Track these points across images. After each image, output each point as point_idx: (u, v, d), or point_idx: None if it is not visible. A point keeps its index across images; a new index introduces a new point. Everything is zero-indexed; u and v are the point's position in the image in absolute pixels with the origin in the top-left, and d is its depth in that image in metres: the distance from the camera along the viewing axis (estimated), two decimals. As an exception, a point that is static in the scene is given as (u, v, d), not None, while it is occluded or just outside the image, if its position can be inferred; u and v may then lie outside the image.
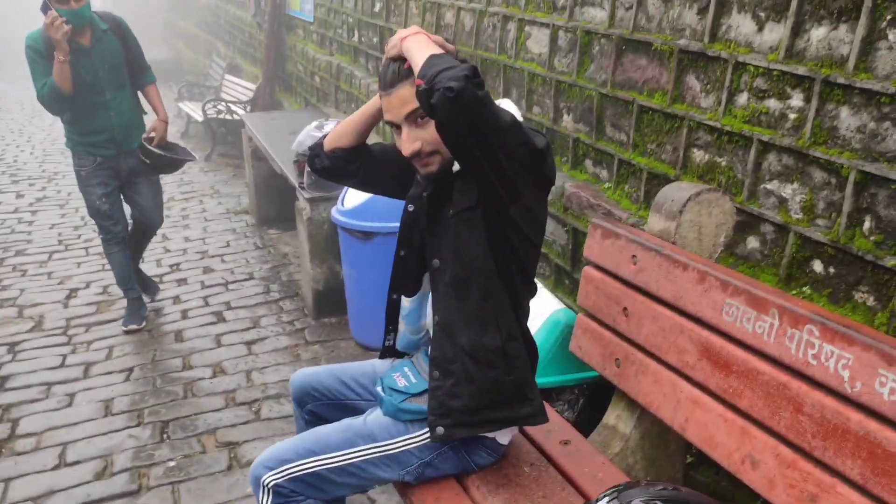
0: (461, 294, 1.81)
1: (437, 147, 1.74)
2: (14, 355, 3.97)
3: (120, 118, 3.92)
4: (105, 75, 3.82)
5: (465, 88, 1.43)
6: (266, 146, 5.15)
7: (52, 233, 5.85)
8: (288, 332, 4.18)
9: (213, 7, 11.34)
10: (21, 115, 10.67)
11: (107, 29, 3.85)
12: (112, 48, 3.86)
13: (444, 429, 1.85)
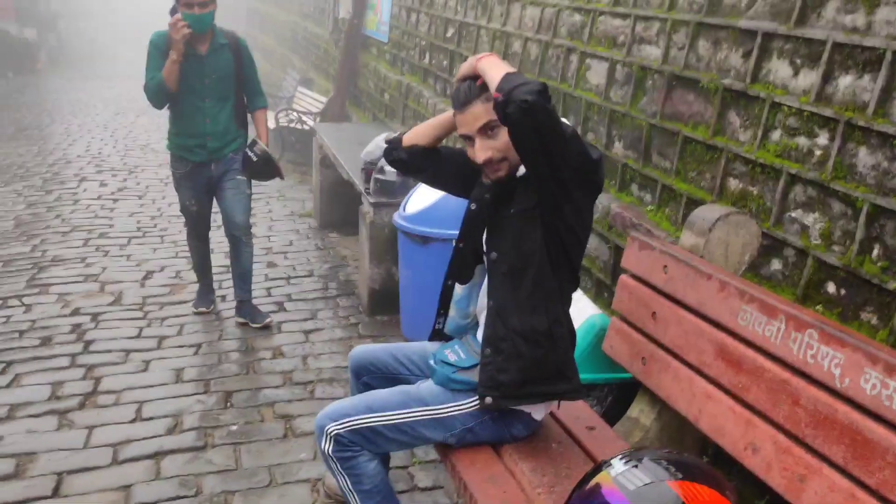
0: (516, 283, 2.10)
1: (506, 154, 2.05)
2: (97, 324, 4.38)
3: (214, 127, 4.11)
4: (211, 84, 4.04)
5: (538, 101, 1.74)
6: (336, 154, 5.53)
7: (132, 220, 6.31)
8: (343, 326, 4.50)
9: (291, 24, 11.94)
10: (105, 112, 11.37)
11: (225, 44, 4.06)
12: (224, 62, 4.07)
13: (493, 399, 2.13)
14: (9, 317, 4.41)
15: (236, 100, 4.20)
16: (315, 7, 10.57)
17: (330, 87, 9.00)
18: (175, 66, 3.89)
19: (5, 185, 7.15)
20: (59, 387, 3.66)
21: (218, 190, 4.29)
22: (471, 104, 2.05)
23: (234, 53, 4.12)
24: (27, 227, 6.03)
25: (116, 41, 22.30)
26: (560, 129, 1.84)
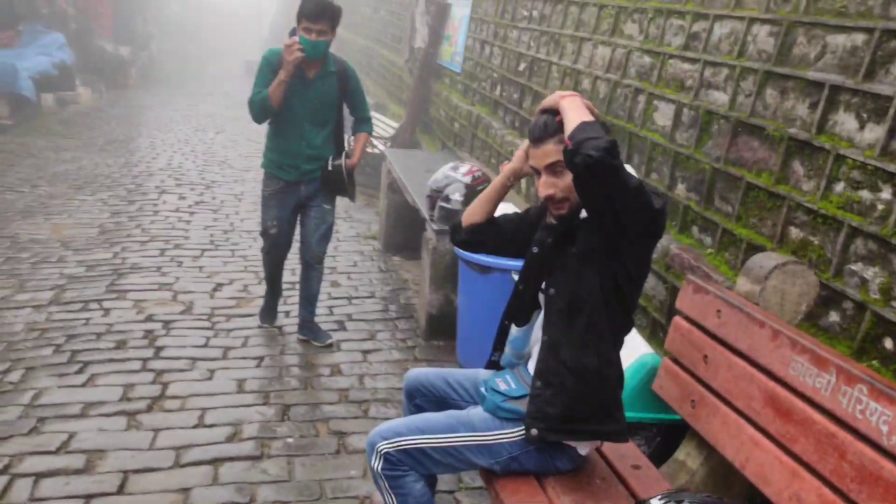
0: (571, 320, 2.16)
1: (568, 195, 2.14)
2: (168, 331, 4.59)
3: (310, 151, 4.19)
4: (312, 109, 4.12)
5: (603, 159, 1.82)
6: (403, 179, 5.68)
7: (206, 233, 6.59)
8: (400, 348, 4.61)
9: (368, 50, 12.29)
10: (187, 128, 11.87)
11: (333, 72, 4.14)
12: (330, 89, 4.14)
13: (539, 431, 2.18)
14: (88, 319, 4.67)
15: (336, 126, 4.29)
16: (393, 35, 10.87)
17: (402, 114, 9.21)
18: (281, 86, 3.97)
19: (92, 195, 7.56)
20: (129, 389, 3.86)
21: (303, 214, 4.38)
22: (544, 142, 2.15)
23: (341, 82, 4.18)
24: (110, 234, 6.36)
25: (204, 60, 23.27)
26: (624, 184, 1.90)
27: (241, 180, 8.59)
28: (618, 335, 2.22)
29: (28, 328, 4.49)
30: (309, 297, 4.55)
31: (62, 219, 6.70)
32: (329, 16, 3.94)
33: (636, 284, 2.15)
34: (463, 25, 7.38)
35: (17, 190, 7.55)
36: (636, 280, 2.14)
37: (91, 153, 9.53)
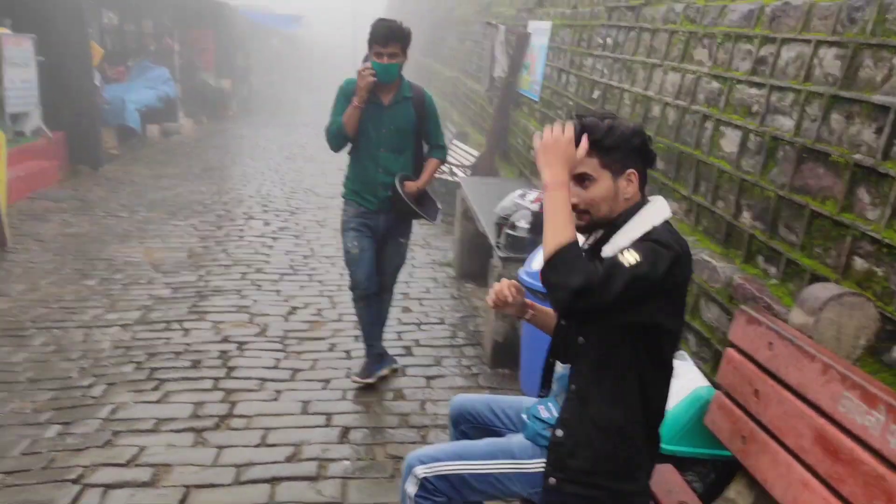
0: (600, 372, 2.10)
1: (590, 208, 2.11)
2: (241, 352, 4.76)
3: (387, 177, 4.13)
4: (388, 136, 4.09)
5: (573, 308, 1.89)
6: (475, 207, 5.71)
7: (286, 258, 6.81)
8: (465, 375, 4.61)
9: (454, 80, 12.48)
10: (279, 156, 12.35)
11: (409, 97, 4.10)
12: (405, 115, 4.10)
13: (557, 481, 2.13)
14: (169, 339, 4.90)
15: (414, 154, 4.23)
16: (476, 66, 11.00)
17: (483, 142, 9.29)
18: (355, 112, 3.99)
19: (185, 220, 7.95)
20: (200, 407, 4.02)
21: (380, 246, 4.32)
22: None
23: (417, 108, 4.13)
24: (197, 258, 6.67)
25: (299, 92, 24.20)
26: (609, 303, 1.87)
27: (325, 207, 8.84)
28: (649, 391, 2.11)
29: (114, 346, 4.75)
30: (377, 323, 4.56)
31: (155, 243, 7.07)
32: (398, 38, 3.91)
33: (670, 332, 2.07)
34: (541, 54, 7.40)
35: (117, 215, 8.03)
36: (670, 328, 2.06)
37: (188, 180, 10.05)
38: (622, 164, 2.12)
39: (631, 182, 2.14)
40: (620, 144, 2.11)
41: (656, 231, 2.04)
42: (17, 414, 3.84)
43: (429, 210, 4.33)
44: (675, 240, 2.00)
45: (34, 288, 5.71)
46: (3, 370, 4.34)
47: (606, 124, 2.12)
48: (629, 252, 1.92)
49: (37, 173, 8.89)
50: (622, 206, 2.14)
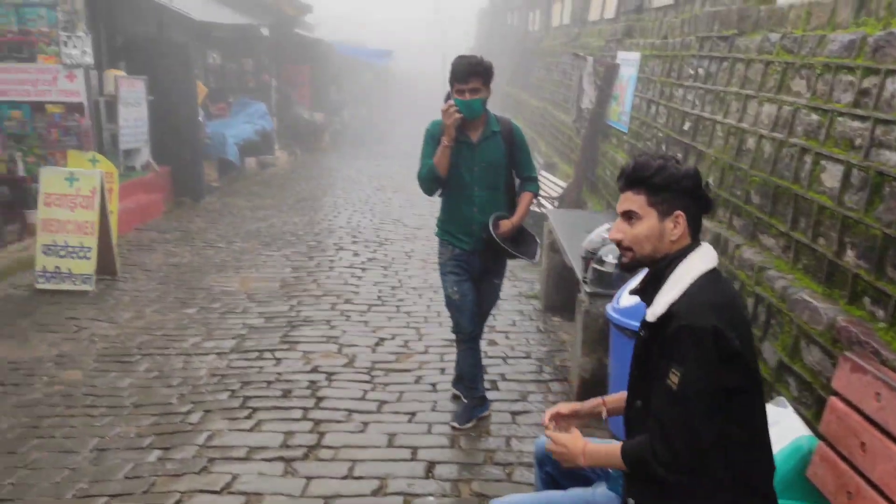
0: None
1: (634, 246, 2.10)
2: (330, 382, 4.85)
3: (482, 216, 4.06)
4: (480, 173, 4.05)
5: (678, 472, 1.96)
6: (562, 240, 5.67)
7: (374, 289, 6.92)
8: (551, 411, 4.53)
9: (541, 110, 12.49)
10: (368, 187, 12.61)
11: (497, 132, 4.06)
12: (495, 150, 4.07)
13: None
14: (262, 367, 5.05)
15: (508, 189, 4.16)
16: (563, 96, 10.99)
17: (570, 173, 9.23)
18: (446, 152, 3.96)
19: (278, 250, 8.22)
20: (290, 436, 4.11)
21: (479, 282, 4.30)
22: (628, 189, 2.14)
23: (507, 141, 4.08)
24: (289, 288, 6.86)
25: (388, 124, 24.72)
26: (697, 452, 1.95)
27: (413, 238, 8.95)
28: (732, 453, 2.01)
29: (210, 373, 4.93)
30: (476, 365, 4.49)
31: (250, 273, 7.33)
32: (478, 73, 3.90)
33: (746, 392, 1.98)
34: (630, 85, 7.32)
35: (215, 245, 8.38)
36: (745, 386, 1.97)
37: (282, 212, 10.39)
38: (670, 205, 2.11)
39: (678, 224, 2.11)
40: (670, 185, 2.09)
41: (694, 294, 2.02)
42: (122, 438, 4.04)
43: (527, 248, 4.24)
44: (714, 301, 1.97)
45: (140, 316, 6.01)
46: (110, 394, 4.57)
47: (657, 163, 2.11)
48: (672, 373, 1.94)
49: (145, 206, 9.39)
50: (667, 248, 2.12)
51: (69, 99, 8.15)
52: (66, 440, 4.00)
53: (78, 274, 6.56)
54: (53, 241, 6.57)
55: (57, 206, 6.62)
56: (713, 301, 1.98)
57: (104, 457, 3.84)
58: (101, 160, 7.55)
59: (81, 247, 6.58)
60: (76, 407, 4.40)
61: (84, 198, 6.64)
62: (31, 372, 4.89)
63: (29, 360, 5.07)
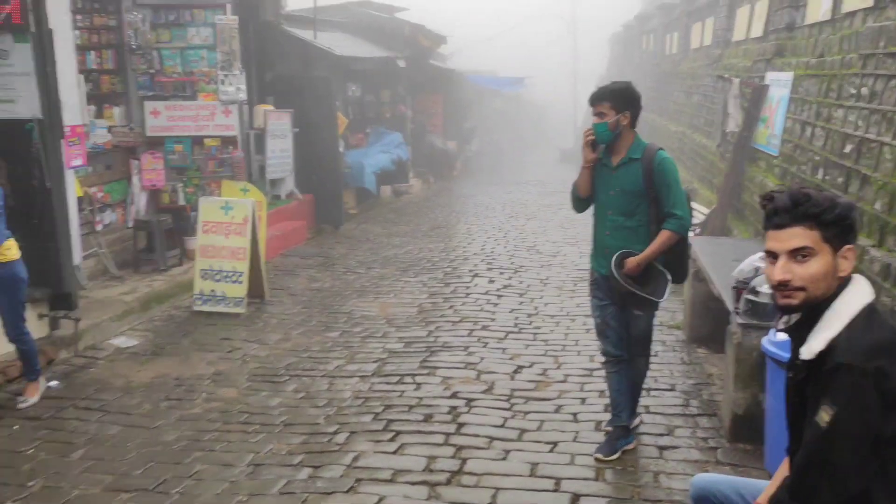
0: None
1: (807, 285, 1.95)
2: (470, 409, 4.85)
3: (613, 241, 4.04)
4: (615, 198, 4.04)
5: None
6: (708, 269, 5.44)
7: (511, 316, 6.89)
8: (700, 448, 4.33)
9: (680, 135, 12.13)
10: (502, 214, 12.64)
11: (637, 159, 3.99)
12: (631, 177, 4.00)
13: None
14: (402, 392, 5.13)
15: (648, 218, 4.04)
16: (705, 120, 10.63)
17: (713, 199, 8.88)
18: (583, 173, 4.12)
19: (415, 276, 8.37)
20: (433, 461, 4.14)
21: (624, 309, 4.20)
22: (789, 227, 2.00)
23: (645, 170, 3.97)
24: (426, 314, 6.96)
25: (520, 151, 24.80)
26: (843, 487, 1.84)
27: (548, 265, 8.88)
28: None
29: (354, 395, 5.07)
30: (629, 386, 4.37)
31: (388, 298, 7.51)
32: (605, 97, 3.95)
33: None
34: (781, 106, 6.98)
35: (355, 271, 8.65)
36: None
37: (417, 238, 10.61)
38: (840, 240, 2.01)
39: (846, 259, 2.02)
40: (842, 219, 2.00)
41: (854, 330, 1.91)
42: (275, 454, 4.21)
43: (654, 287, 4.07)
44: (878, 339, 1.87)
45: (287, 338, 6.28)
46: (262, 412, 4.79)
47: (826, 197, 2.02)
48: (824, 409, 1.84)
49: (289, 232, 9.87)
50: (835, 285, 2.01)
51: (225, 133, 8.72)
52: (224, 454, 4.23)
53: (231, 297, 6.95)
54: (210, 266, 7.01)
55: (213, 233, 7.07)
56: (877, 339, 1.88)
57: (259, 472, 4.02)
58: (251, 189, 8.00)
59: (234, 271, 6.98)
60: (232, 423, 4.64)
61: (237, 225, 7.06)
62: (191, 388, 5.20)
63: (190, 377, 5.40)
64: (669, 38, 15.98)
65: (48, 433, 4.52)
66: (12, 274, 4.74)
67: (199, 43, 8.61)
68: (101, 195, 7.88)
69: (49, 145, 5.56)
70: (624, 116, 3.98)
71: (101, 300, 6.80)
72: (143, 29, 8.41)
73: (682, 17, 14.20)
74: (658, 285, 4.08)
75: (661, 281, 4.09)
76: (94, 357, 5.82)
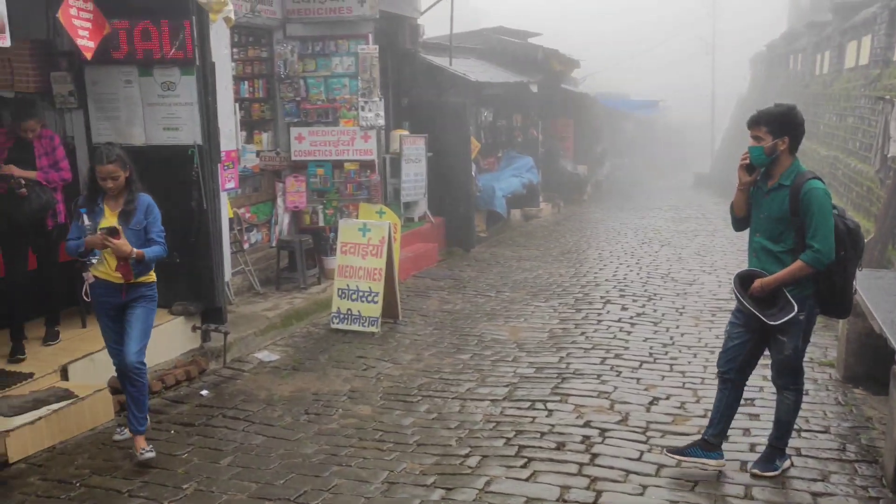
0: None
1: None
2: (604, 439, 4.73)
3: (757, 263, 4.11)
4: (764, 221, 4.08)
5: None
6: (867, 303, 5.04)
7: (645, 345, 6.67)
8: (860, 498, 4.00)
9: (832, 159, 11.43)
10: (633, 241, 12.33)
11: (786, 186, 3.97)
12: (777, 204, 4.00)
13: None
14: (534, 418, 5.07)
15: (794, 246, 3.99)
16: (861, 143, 9.95)
17: (870, 228, 8.27)
18: (737, 195, 4.21)
19: (545, 301, 8.29)
20: (566, 491, 4.06)
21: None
22: None
23: (792, 198, 3.93)
24: (557, 339, 6.87)
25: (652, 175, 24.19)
26: None
27: (684, 294, 8.55)
28: None
29: (485, 419, 5.06)
30: (776, 422, 4.27)
31: (519, 322, 7.47)
32: (766, 121, 3.98)
33: None
34: (950, 128, 6.42)
35: (485, 294, 8.68)
36: None
37: (547, 263, 10.52)
38: None
39: None
40: None
41: None
42: (409, 474, 4.27)
43: (774, 312, 4.00)
44: None
45: (419, 358, 6.37)
46: (396, 431, 4.87)
47: None
48: None
49: (422, 254, 10.05)
50: None
51: (363, 157, 9.02)
52: (360, 470, 4.32)
53: (366, 316, 7.14)
54: (347, 286, 7.24)
55: (351, 254, 7.31)
56: None
57: (394, 490, 4.08)
58: (387, 212, 8.20)
59: (370, 291, 7.17)
60: (367, 440, 4.74)
61: (374, 247, 7.26)
62: (328, 403, 5.37)
63: (327, 393, 5.58)
64: (820, 57, 15.15)
65: (200, 439, 4.79)
66: (154, 295, 4.63)
67: (342, 71, 8.98)
68: (248, 216, 8.34)
69: (207, 169, 5.95)
70: (782, 142, 3.98)
71: (247, 315, 7.17)
72: (291, 59, 8.87)
73: (834, 36, 13.43)
74: (779, 311, 4.01)
75: (785, 309, 4.01)
76: (240, 369, 6.13)
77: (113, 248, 4.26)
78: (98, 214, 4.42)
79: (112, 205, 4.46)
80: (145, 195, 4.54)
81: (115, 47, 5.81)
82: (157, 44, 5.79)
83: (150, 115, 6.05)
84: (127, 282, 4.45)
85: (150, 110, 6.04)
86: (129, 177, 4.44)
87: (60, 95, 6.21)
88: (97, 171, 4.37)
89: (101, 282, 4.46)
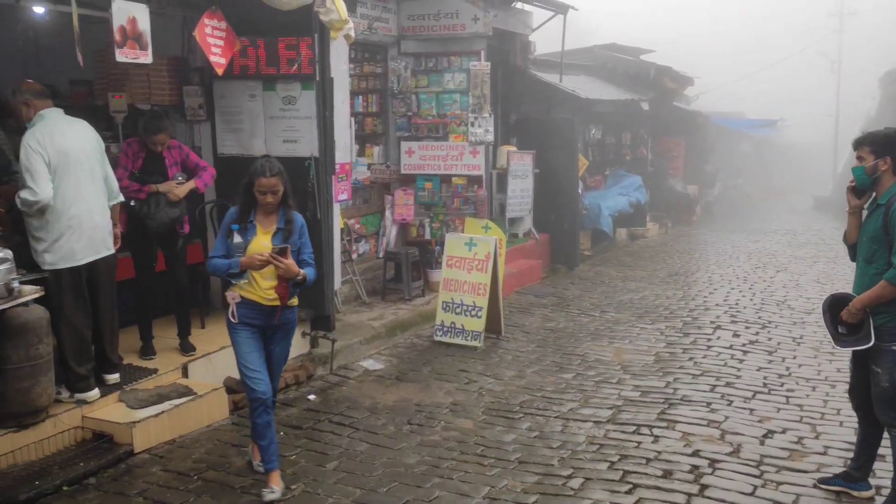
0: None
1: None
2: (713, 470, 4.56)
3: (857, 289, 4.09)
4: (864, 244, 4.08)
5: None
6: None
7: (759, 375, 6.38)
8: None
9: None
10: (746, 265, 11.85)
11: (882, 205, 3.96)
12: (874, 224, 4.01)
13: None
14: (639, 443, 4.94)
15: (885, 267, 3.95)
16: None
17: None
18: (849, 219, 4.19)
19: (651, 324, 8.09)
20: (673, 521, 3.93)
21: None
22: None
23: (885, 215, 3.94)
24: (664, 364, 6.68)
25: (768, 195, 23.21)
26: None
27: (802, 323, 8.14)
28: None
29: (588, 441, 4.98)
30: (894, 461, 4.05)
31: (623, 343, 7.32)
32: (869, 141, 4.01)
33: None
34: None
35: (589, 313, 8.55)
36: None
37: (653, 284, 10.26)
38: None
39: None
40: None
41: None
42: (510, 491, 4.25)
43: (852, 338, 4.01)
44: None
45: (521, 375, 6.34)
46: (497, 447, 4.87)
47: None
48: None
49: (525, 271, 10.02)
50: None
51: (471, 172, 9.11)
52: (462, 484, 4.34)
53: (469, 330, 7.18)
54: (451, 299, 7.30)
55: (457, 267, 7.37)
56: None
57: (495, 507, 4.07)
58: (492, 227, 8.23)
59: (474, 306, 7.20)
60: (469, 454, 4.76)
61: (480, 262, 7.29)
62: (431, 415, 5.42)
63: (430, 405, 5.64)
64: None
65: (307, 442, 4.94)
66: (297, 320, 4.51)
67: (454, 87, 9.12)
68: (357, 227, 8.57)
69: (322, 181, 6.16)
70: (884, 162, 3.96)
71: (353, 324, 7.35)
72: (405, 75, 9.08)
73: (975, 53, 12.50)
74: (855, 340, 4.02)
75: (862, 339, 3.97)
76: (346, 376, 6.29)
77: (282, 268, 3.99)
78: (250, 232, 4.15)
79: (265, 222, 4.19)
80: (299, 214, 4.31)
81: (243, 63, 6.12)
82: (281, 60, 6.06)
83: (270, 128, 6.32)
84: (283, 305, 4.18)
85: (271, 123, 6.32)
86: (286, 192, 4.19)
87: (191, 108, 6.59)
88: (257, 184, 4.06)
89: (249, 302, 4.15)
